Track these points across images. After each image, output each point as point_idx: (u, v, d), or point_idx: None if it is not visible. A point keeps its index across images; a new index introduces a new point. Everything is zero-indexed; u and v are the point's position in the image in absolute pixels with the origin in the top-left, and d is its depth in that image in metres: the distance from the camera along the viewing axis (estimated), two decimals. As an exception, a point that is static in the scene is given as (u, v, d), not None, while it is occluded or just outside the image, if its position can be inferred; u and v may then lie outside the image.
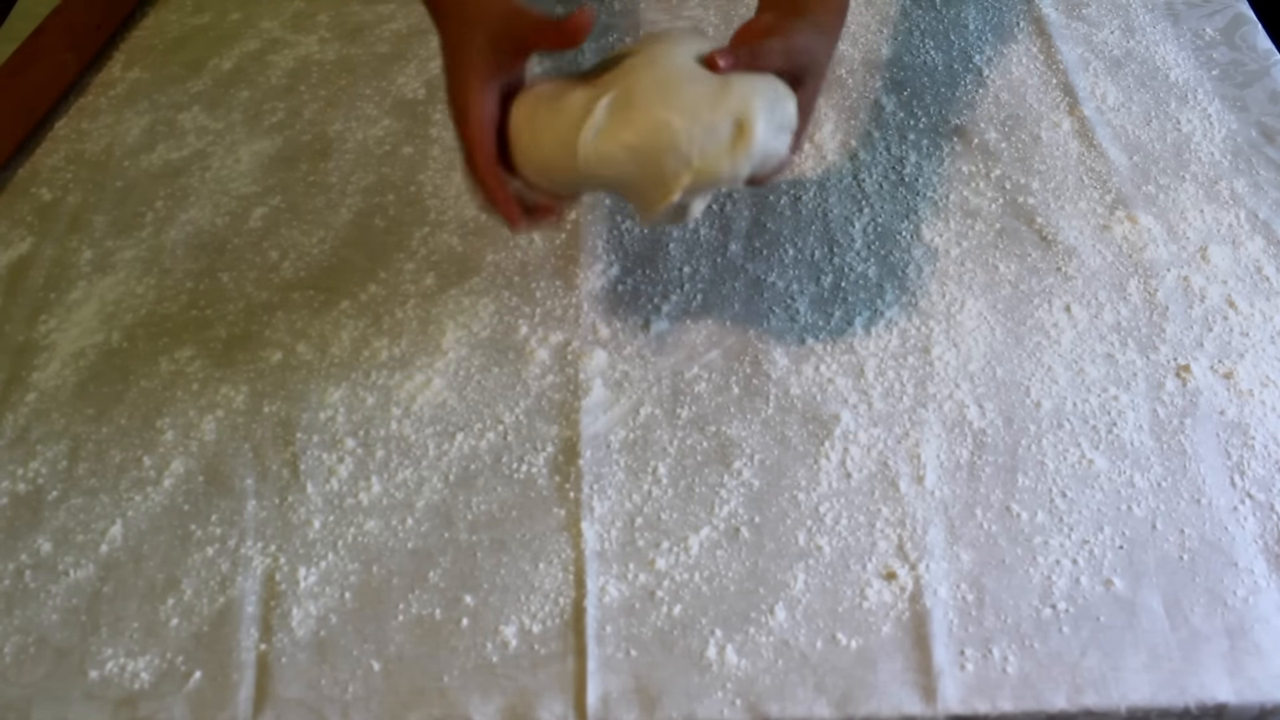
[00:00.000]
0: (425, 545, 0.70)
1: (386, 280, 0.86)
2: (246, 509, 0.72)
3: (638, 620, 0.67)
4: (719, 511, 0.71)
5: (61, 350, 0.82)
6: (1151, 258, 0.86)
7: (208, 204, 0.92)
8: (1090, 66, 1.03)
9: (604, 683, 0.64)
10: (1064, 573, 0.68)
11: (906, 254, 0.87)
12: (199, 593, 0.68)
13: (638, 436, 0.75)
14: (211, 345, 0.82)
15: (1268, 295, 0.83)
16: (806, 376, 0.79)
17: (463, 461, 0.74)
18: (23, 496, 0.73)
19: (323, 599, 0.68)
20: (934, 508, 0.71)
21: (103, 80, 1.05)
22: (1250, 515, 0.71)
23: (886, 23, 1.09)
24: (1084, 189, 0.92)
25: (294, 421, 0.77)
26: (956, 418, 0.76)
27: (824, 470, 0.73)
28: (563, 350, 0.81)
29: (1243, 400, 0.77)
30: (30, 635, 0.67)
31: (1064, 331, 0.81)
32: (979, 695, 0.63)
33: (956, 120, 0.98)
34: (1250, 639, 0.65)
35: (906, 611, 0.66)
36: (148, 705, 0.64)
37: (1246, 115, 0.98)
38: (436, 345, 0.81)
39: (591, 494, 0.72)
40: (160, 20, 1.12)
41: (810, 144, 0.96)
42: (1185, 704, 0.63)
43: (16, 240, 0.90)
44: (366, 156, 0.96)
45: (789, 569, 0.69)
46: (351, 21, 1.11)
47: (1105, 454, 0.74)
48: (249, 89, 1.03)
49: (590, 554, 0.69)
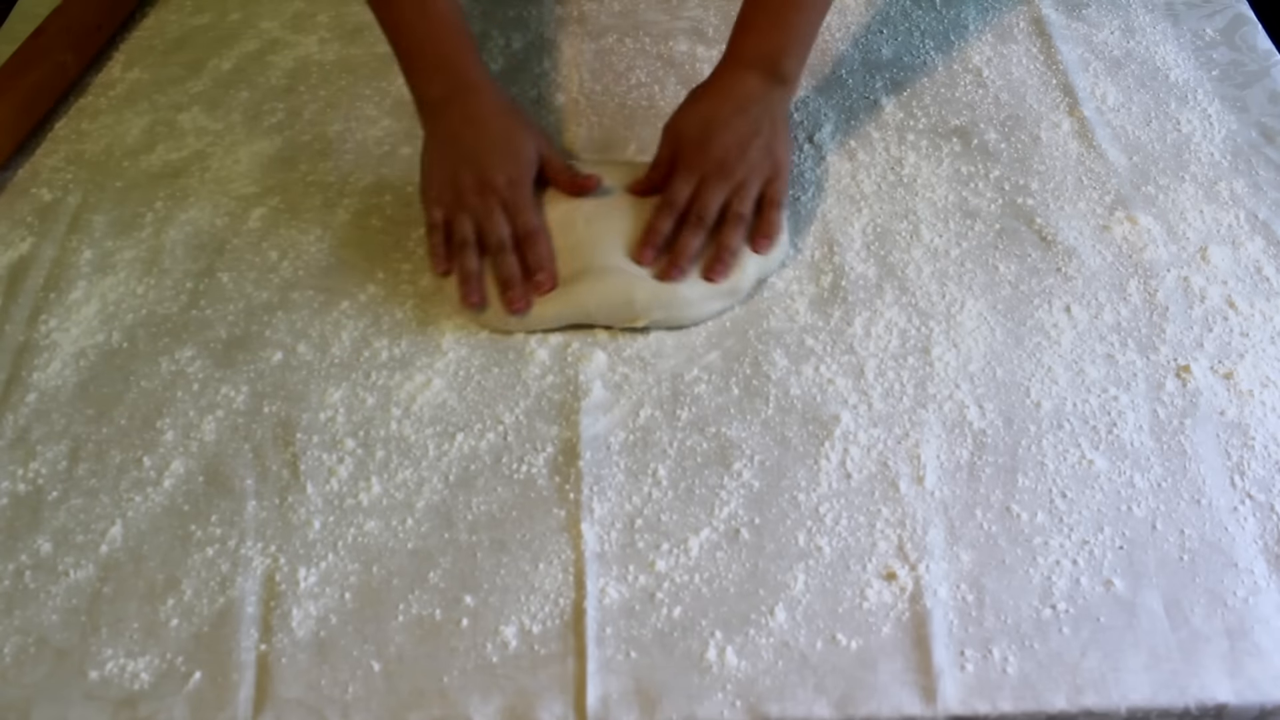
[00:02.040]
0: (425, 546, 0.70)
1: (385, 280, 0.86)
2: (246, 509, 0.72)
3: (638, 621, 0.66)
4: (719, 513, 0.71)
5: (62, 350, 0.82)
6: (1151, 258, 0.86)
7: (207, 204, 0.92)
8: (1090, 67, 1.03)
9: (604, 684, 0.64)
10: (1064, 573, 0.68)
11: (906, 254, 0.87)
12: (199, 593, 0.68)
13: (638, 438, 0.75)
14: (212, 345, 0.82)
15: (1268, 295, 0.83)
16: (806, 377, 0.79)
17: (463, 462, 0.74)
18: (23, 497, 0.73)
19: (323, 599, 0.68)
20: (934, 508, 0.71)
21: (103, 80, 1.05)
22: (1250, 515, 0.71)
23: (886, 23, 1.09)
24: (1084, 189, 0.92)
25: (294, 422, 0.77)
26: (956, 418, 0.76)
27: (824, 471, 0.73)
28: (563, 351, 0.81)
29: (1243, 400, 0.77)
30: (30, 635, 0.67)
31: (1064, 332, 0.81)
32: (979, 696, 0.63)
33: (956, 120, 0.98)
34: (1250, 639, 0.65)
35: (906, 612, 0.66)
36: (148, 705, 0.64)
37: (1246, 115, 0.98)
38: (436, 346, 0.81)
39: (591, 495, 0.72)
40: (160, 20, 1.12)
41: (810, 144, 0.96)
42: (1185, 704, 0.63)
43: (17, 240, 0.90)
44: (366, 157, 0.96)
45: (789, 570, 0.68)
46: (351, 22, 1.11)
47: (1105, 454, 0.74)
48: (249, 89, 1.03)
49: (590, 555, 0.69)
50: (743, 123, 0.85)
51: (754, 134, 0.85)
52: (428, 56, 0.89)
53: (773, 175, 0.85)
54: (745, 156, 0.84)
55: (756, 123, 0.85)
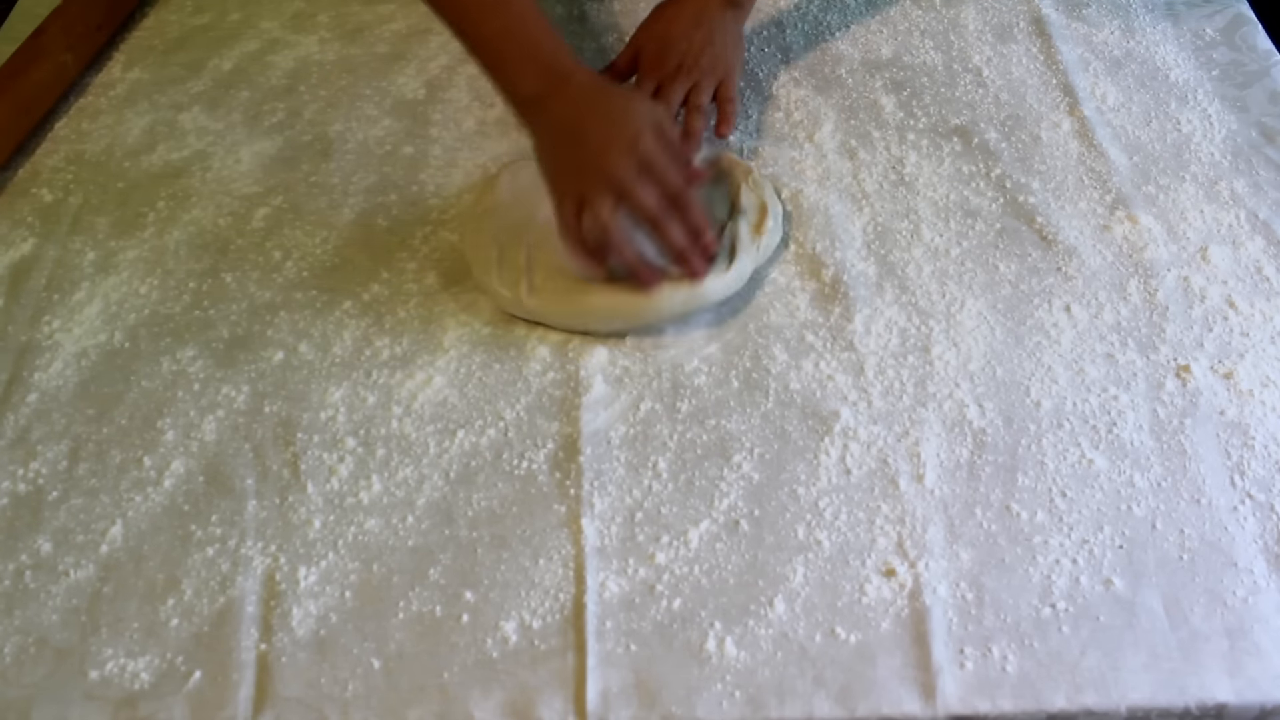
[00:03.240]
0: (426, 543, 0.70)
1: (389, 280, 0.86)
2: (247, 509, 0.72)
3: (637, 615, 0.67)
4: (719, 505, 0.71)
5: (64, 350, 0.82)
6: (1151, 258, 0.86)
7: (209, 204, 0.92)
8: (1090, 66, 1.03)
9: (604, 678, 0.64)
10: (1064, 572, 0.68)
11: (907, 253, 0.87)
12: (199, 593, 0.68)
13: (638, 432, 0.75)
14: (213, 345, 0.82)
15: (1268, 295, 0.83)
16: (806, 372, 0.79)
17: (463, 459, 0.74)
18: (23, 497, 0.73)
19: (323, 598, 0.68)
20: (934, 506, 0.71)
21: (103, 80, 1.05)
22: (1250, 515, 0.71)
23: (886, 23, 1.09)
24: (1084, 189, 0.92)
25: (295, 421, 0.77)
26: (956, 417, 0.76)
27: (823, 466, 0.73)
28: (563, 347, 0.81)
29: (1243, 400, 0.77)
30: (30, 635, 0.67)
31: (1064, 331, 0.81)
32: (979, 694, 0.63)
33: (956, 120, 0.98)
34: (1250, 639, 0.65)
35: (906, 608, 0.66)
36: (148, 705, 0.64)
37: (1246, 115, 0.98)
38: (438, 343, 0.81)
39: (592, 490, 0.72)
40: (160, 20, 1.12)
41: (810, 143, 0.96)
42: (1185, 704, 0.63)
43: (19, 241, 0.90)
44: (367, 156, 0.96)
45: (788, 562, 0.69)
46: (351, 21, 1.11)
47: (1105, 454, 0.74)
48: (249, 89, 1.04)
49: (590, 550, 0.69)
50: (698, 35, 0.97)
51: (707, 43, 0.97)
52: (517, 51, 0.84)
53: (725, 76, 0.98)
54: (699, 62, 0.96)
55: (710, 34, 0.98)
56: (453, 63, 1.05)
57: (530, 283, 0.81)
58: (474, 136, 0.98)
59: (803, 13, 1.11)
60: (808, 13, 1.11)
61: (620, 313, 0.80)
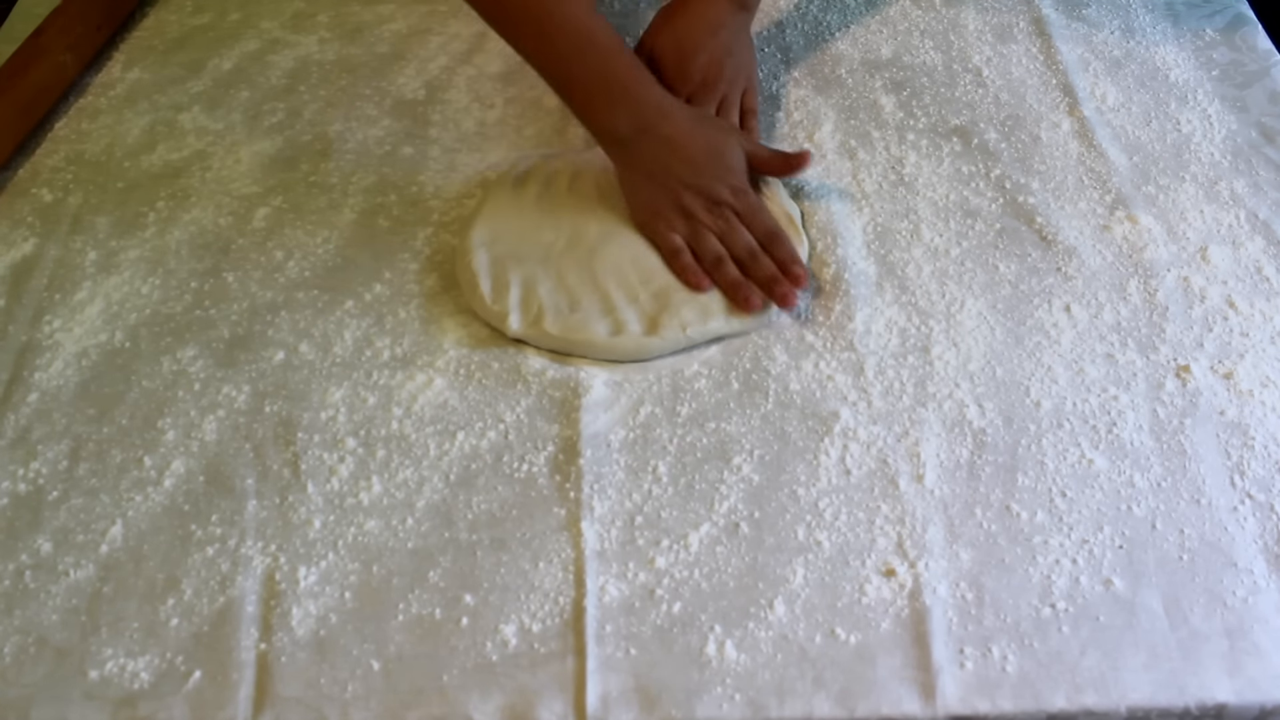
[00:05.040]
0: (425, 545, 0.70)
1: (391, 280, 0.86)
2: (247, 509, 0.72)
3: (637, 619, 0.67)
4: (719, 507, 0.71)
5: (64, 350, 0.82)
6: (1151, 258, 0.86)
7: (210, 204, 0.92)
8: (1090, 66, 1.03)
9: (604, 682, 0.64)
10: (1063, 572, 0.68)
11: (907, 253, 0.87)
12: (199, 593, 0.68)
13: (638, 435, 0.75)
14: (214, 345, 0.82)
15: (1268, 295, 0.83)
16: (806, 373, 0.79)
17: (463, 461, 0.74)
18: (23, 496, 0.73)
19: (323, 598, 0.68)
20: (933, 506, 0.71)
21: (103, 80, 1.05)
22: (1250, 515, 0.71)
23: (886, 23, 1.09)
24: (1084, 189, 0.92)
25: (295, 421, 0.77)
26: (956, 417, 0.76)
27: (823, 466, 0.73)
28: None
29: (1243, 400, 0.77)
30: (30, 635, 0.67)
31: (1064, 331, 0.81)
32: (978, 694, 0.63)
33: (956, 120, 0.98)
34: (1250, 639, 0.65)
35: (906, 609, 0.67)
36: (148, 705, 0.64)
37: (1246, 116, 0.98)
38: (438, 345, 0.81)
39: (592, 493, 0.72)
40: (160, 20, 1.12)
41: (810, 143, 0.96)
42: (1185, 704, 0.63)
43: (19, 241, 0.90)
44: (367, 157, 0.96)
45: (788, 564, 0.69)
46: (351, 21, 1.11)
47: (1105, 454, 0.74)
48: (249, 89, 1.03)
49: (590, 553, 0.69)
50: (716, 45, 0.95)
51: (726, 54, 0.95)
52: (607, 92, 0.85)
53: (747, 88, 0.96)
54: (723, 75, 0.94)
55: (727, 44, 0.95)
56: (453, 63, 1.05)
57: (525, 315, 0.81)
58: (474, 137, 0.98)
59: (803, 13, 1.11)
60: (807, 13, 1.11)
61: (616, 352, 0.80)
